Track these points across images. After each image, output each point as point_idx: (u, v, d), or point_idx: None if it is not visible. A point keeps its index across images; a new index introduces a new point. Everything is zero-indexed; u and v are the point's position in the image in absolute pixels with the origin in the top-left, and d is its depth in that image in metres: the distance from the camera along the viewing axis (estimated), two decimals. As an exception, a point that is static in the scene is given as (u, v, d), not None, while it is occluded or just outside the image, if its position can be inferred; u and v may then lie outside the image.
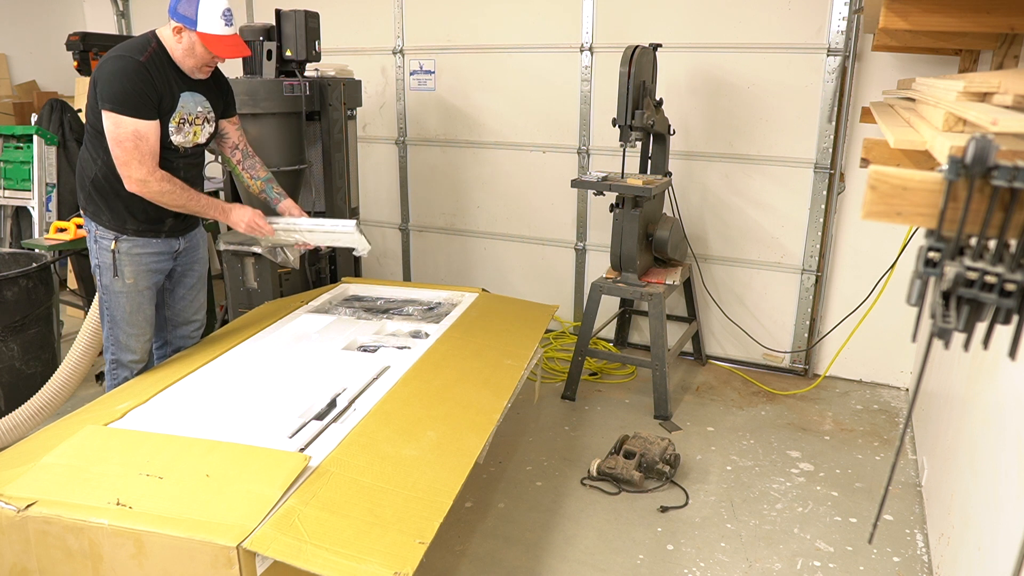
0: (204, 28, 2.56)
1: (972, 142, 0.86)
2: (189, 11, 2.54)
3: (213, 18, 2.57)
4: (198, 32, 2.56)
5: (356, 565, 1.62)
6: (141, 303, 2.82)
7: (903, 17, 1.95)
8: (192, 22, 2.55)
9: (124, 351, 2.85)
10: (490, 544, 2.73)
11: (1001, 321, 0.91)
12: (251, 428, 2.16)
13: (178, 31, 2.58)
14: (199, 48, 2.60)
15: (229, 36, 2.63)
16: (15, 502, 1.77)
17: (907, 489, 3.11)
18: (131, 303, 2.80)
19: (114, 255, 2.73)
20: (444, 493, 1.93)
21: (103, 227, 2.74)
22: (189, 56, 2.62)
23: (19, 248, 4.60)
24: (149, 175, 2.58)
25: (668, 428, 3.64)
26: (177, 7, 2.56)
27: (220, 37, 2.60)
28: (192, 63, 2.64)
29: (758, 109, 4.01)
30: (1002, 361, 2.03)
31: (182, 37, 2.59)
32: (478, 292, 3.54)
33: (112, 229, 2.73)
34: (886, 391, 4.11)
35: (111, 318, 2.82)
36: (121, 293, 2.77)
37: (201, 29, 2.56)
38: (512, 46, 4.52)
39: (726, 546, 2.74)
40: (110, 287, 2.77)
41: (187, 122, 2.71)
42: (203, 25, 2.56)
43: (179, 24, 2.57)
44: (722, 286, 4.38)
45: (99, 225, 2.74)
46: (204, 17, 2.55)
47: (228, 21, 2.61)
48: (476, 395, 2.52)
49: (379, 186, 5.21)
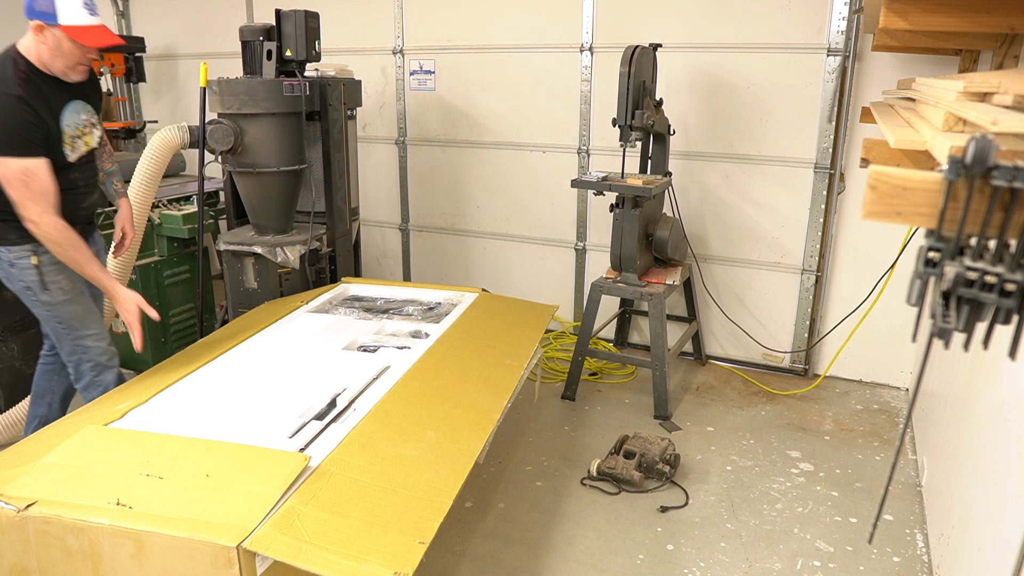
0: (66, 20, 2.37)
1: (972, 142, 0.86)
2: (46, 6, 2.36)
3: (74, 9, 2.38)
4: (61, 26, 2.37)
5: (356, 565, 1.62)
6: (86, 300, 2.74)
7: (903, 17, 1.95)
8: (52, 16, 2.36)
9: (98, 353, 2.77)
10: (490, 544, 2.73)
11: (1001, 321, 0.91)
12: (251, 428, 2.16)
13: (39, 29, 2.40)
14: (66, 44, 2.41)
15: (95, 26, 2.44)
16: (15, 502, 1.77)
17: (907, 489, 3.11)
18: (81, 305, 2.71)
19: (39, 270, 2.59)
20: (444, 493, 1.93)
21: (14, 246, 2.58)
22: (58, 56, 2.44)
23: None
24: (39, 216, 2.43)
25: (668, 428, 3.64)
26: (33, 5, 2.38)
27: (85, 28, 2.41)
28: (62, 63, 2.46)
29: (758, 109, 4.01)
30: (1002, 361, 2.03)
31: (45, 36, 2.41)
32: (478, 292, 3.54)
33: (26, 244, 2.57)
34: (886, 391, 4.11)
35: (69, 328, 2.70)
36: (66, 301, 2.67)
37: (63, 22, 2.37)
38: (512, 46, 4.52)
39: (726, 546, 2.74)
40: (52, 301, 2.65)
41: (77, 137, 2.60)
42: (64, 17, 2.37)
43: (39, 22, 2.38)
44: (722, 286, 4.37)
45: (9, 246, 2.58)
46: (64, 8, 2.36)
47: (92, 10, 2.43)
48: (476, 395, 2.52)
49: (379, 186, 5.21)
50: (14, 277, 2.63)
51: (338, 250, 3.89)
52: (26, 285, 2.63)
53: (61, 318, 2.69)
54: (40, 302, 2.66)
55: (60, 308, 2.67)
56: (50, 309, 2.66)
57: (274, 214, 3.65)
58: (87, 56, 2.51)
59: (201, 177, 3.66)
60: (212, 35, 5.43)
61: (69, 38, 2.41)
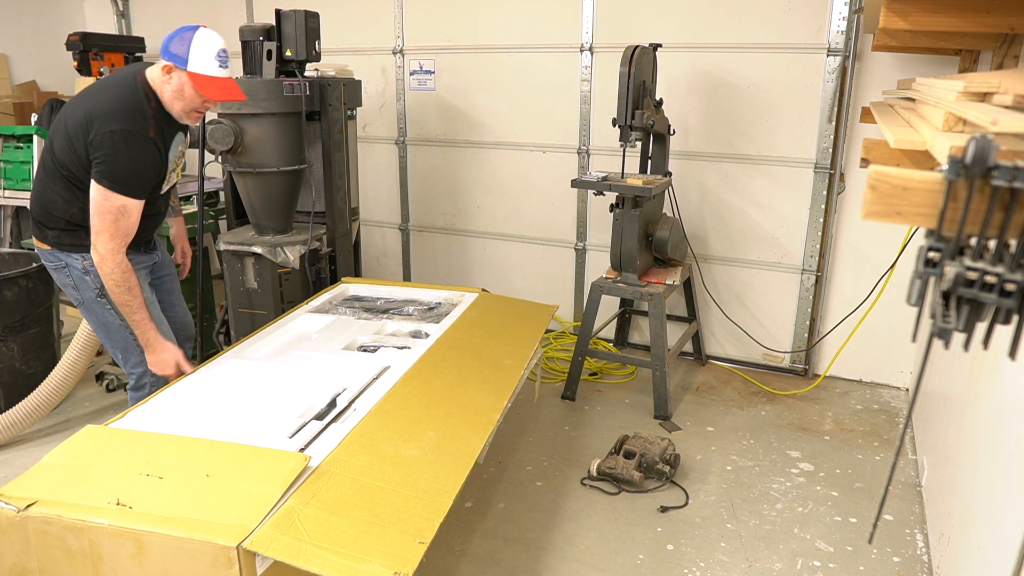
0: (195, 68, 2.41)
1: (972, 142, 0.86)
2: (181, 49, 2.40)
3: (206, 58, 2.42)
4: (188, 72, 2.42)
5: (356, 565, 1.62)
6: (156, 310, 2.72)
7: (903, 17, 1.95)
8: (183, 61, 2.41)
9: None
10: (490, 544, 2.73)
11: (1001, 321, 0.90)
12: (251, 428, 2.16)
13: (168, 70, 2.44)
14: (189, 90, 2.45)
15: (222, 79, 2.47)
16: (15, 502, 1.77)
17: (907, 489, 3.11)
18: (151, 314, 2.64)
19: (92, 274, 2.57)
20: (444, 493, 1.93)
21: (71, 253, 2.58)
22: (178, 99, 2.47)
23: (19, 248, 4.60)
24: (110, 252, 2.42)
25: (668, 428, 3.63)
26: (169, 45, 2.42)
27: (212, 79, 2.44)
28: (180, 106, 2.49)
29: (758, 109, 4.01)
30: (1002, 361, 2.03)
31: (171, 77, 2.45)
32: (478, 292, 3.54)
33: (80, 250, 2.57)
34: (886, 391, 4.11)
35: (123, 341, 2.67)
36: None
37: (192, 68, 2.41)
38: (512, 46, 4.52)
39: (726, 546, 2.74)
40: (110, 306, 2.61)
41: (172, 170, 2.65)
42: (194, 64, 2.41)
43: (169, 63, 2.43)
44: (722, 286, 4.38)
45: (84, 253, 2.56)
46: (196, 56, 2.41)
47: (223, 62, 2.46)
48: (476, 395, 2.52)
49: (379, 186, 5.21)
50: (88, 285, 2.60)
51: (338, 250, 3.89)
52: (101, 293, 2.59)
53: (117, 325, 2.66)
54: (116, 312, 2.61)
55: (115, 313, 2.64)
56: (123, 318, 2.61)
57: (274, 214, 3.65)
58: (205, 105, 2.54)
59: (201, 177, 3.66)
60: (212, 35, 5.43)
61: (192, 85, 2.44)
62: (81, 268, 2.59)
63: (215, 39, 2.47)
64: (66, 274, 2.62)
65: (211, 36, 2.47)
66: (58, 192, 2.53)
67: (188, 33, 2.45)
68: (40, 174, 2.59)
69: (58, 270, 2.63)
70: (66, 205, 2.54)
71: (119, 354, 2.75)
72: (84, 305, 2.67)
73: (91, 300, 2.63)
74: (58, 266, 2.62)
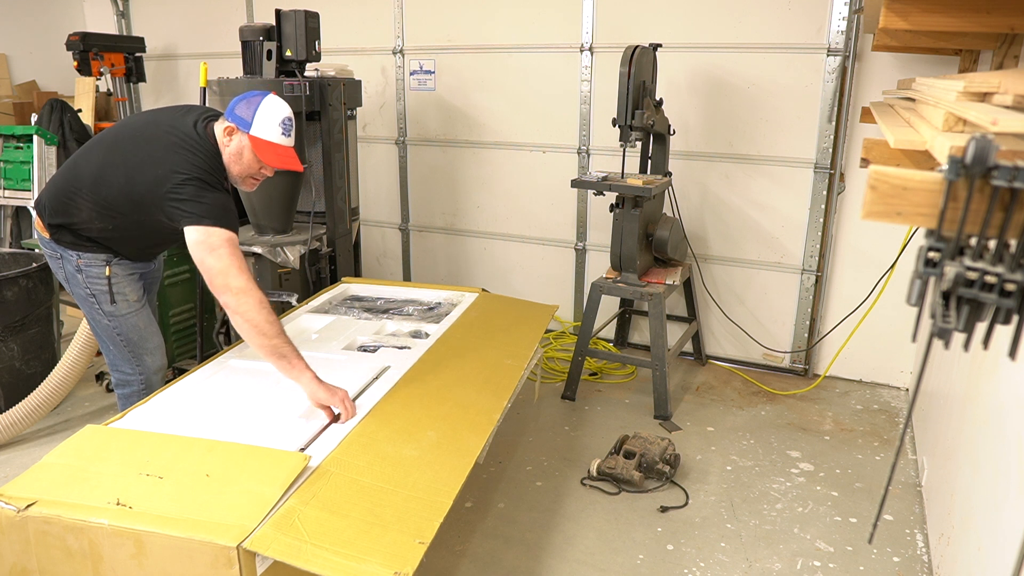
0: (258, 132, 2.38)
1: (972, 142, 0.86)
2: (247, 113, 2.38)
3: (270, 124, 2.38)
4: (250, 135, 2.38)
5: (356, 565, 1.62)
6: (148, 312, 2.73)
7: (903, 17, 1.95)
8: (246, 124, 2.38)
9: (154, 371, 2.72)
10: (490, 544, 2.73)
11: (1001, 321, 0.90)
12: (251, 428, 2.16)
13: (230, 132, 2.41)
14: (248, 154, 2.42)
15: (283, 146, 2.43)
16: (15, 502, 1.77)
17: (907, 489, 3.11)
18: (142, 318, 2.67)
19: (109, 281, 2.54)
20: (444, 493, 1.93)
21: (88, 253, 2.53)
22: (236, 162, 2.44)
23: (19, 248, 4.60)
24: (249, 282, 2.26)
25: (668, 428, 3.64)
26: (235, 107, 2.40)
27: (273, 145, 2.40)
28: (238, 171, 2.45)
29: (758, 109, 4.01)
30: (1002, 361, 2.03)
31: (232, 139, 2.42)
32: (478, 292, 3.54)
33: (101, 254, 2.54)
34: (886, 391, 4.11)
35: (127, 342, 2.65)
36: (130, 313, 2.63)
37: (255, 133, 2.38)
38: (512, 46, 4.52)
39: (726, 546, 2.74)
40: (116, 313, 2.60)
41: None
42: (258, 129, 2.38)
43: (232, 124, 2.41)
44: (722, 286, 4.38)
45: (82, 252, 2.53)
46: (261, 121, 2.38)
47: (286, 130, 2.43)
48: (476, 395, 2.52)
49: (379, 186, 5.21)
50: (79, 283, 2.56)
51: (338, 250, 3.89)
52: (91, 293, 2.56)
53: (122, 330, 2.63)
54: (104, 312, 2.59)
55: (124, 320, 2.62)
56: (112, 320, 2.60)
57: (274, 214, 3.65)
58: (262, 172, 2.50)
59: (201, 177, 3.65)
60: (212, 35, 5.43)
61: (252, 149, 2.41)
62: (74, 266, 2.57)
63: (282, 107, 2.44)
64: (60, 266, 2.60)
65: (278, 104, 2.44)
66: (89, 208, 2.47)
67: (257, 97, 2.42)
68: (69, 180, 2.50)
69: (53, 259, 2.62)
70: (88, 221, 2.49)
71: (112, 357, 2.74)
72: (76, 297, 2.67)
73: (81, 298, 2.63)
74: (53, 256, 2.61)
